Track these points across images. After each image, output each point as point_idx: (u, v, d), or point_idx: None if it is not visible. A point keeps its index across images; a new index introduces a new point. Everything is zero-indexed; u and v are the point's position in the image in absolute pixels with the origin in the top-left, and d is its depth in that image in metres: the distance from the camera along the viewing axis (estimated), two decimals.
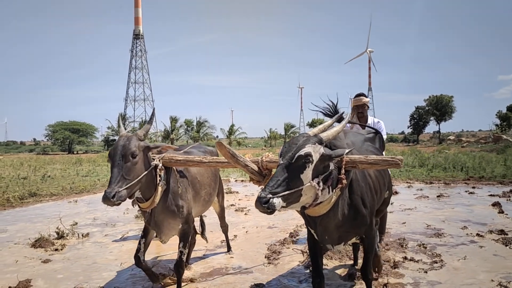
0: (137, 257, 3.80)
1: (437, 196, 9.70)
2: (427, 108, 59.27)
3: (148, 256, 4.77)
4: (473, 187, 11.18)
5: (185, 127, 63.80)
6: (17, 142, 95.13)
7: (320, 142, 2.62)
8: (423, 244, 5.48)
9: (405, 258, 4.90)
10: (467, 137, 54.77)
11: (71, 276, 4.65)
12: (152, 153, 3.55)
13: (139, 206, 3.55)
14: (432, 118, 59.19)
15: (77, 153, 50.38)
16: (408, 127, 64.90)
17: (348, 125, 5.31)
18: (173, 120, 60.55)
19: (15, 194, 10.50)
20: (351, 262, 4.77)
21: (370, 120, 5.36)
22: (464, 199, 9.29)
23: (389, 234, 6.09)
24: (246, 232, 6.65)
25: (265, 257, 5.16)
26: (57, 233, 6.31)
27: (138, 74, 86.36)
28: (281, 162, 2.55)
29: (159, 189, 3.45)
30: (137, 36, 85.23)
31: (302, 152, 2.51)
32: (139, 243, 3.84)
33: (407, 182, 12.67)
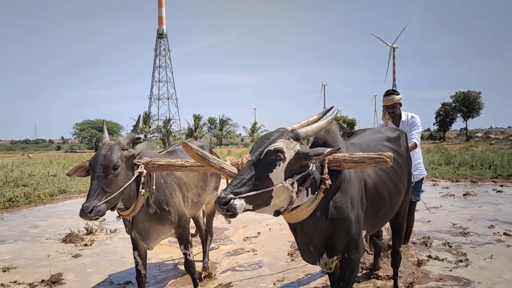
0: (137, 271, 3.68)
1: (464, 195, 9.54)
2: (453, 104, 57.95)
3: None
4: (501, 185, 10.95)
5: (208, 125, 64.41)
6: (46, 140, 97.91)
7: (296, 138, 2.27)
8: (448, 243, 5.42)
9: (430, 256, 4.87)
10: (495, 134, 53.45)
11: (100, 270, 4.81)
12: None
13: (119, 214, 3.33)
14: (459, 114, 57.88)
15: None
16: (434, 124, 63.67)
17: (381, 122, 5.26)
18: (197, 118, 61.22)
19: (45, 191, 10.86)
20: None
21: (405, 117, 5.03)
22: (492, 198, 9.11)
23: (414, 233, 6.03)
24: (270, 229, 6.70)
25: (288, 254, 5.21)
26: (86, 229, 6.52)
27: (162, 73, 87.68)
28: (250, 158, 2.23)
29: (141, 197, 3.22)
30: (160, 35, 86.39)
31: (271, 147, 2.16)
32: (134, 257, 3.66)
33: (432, 180, 12.49)
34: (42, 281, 4.39)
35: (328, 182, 2.35)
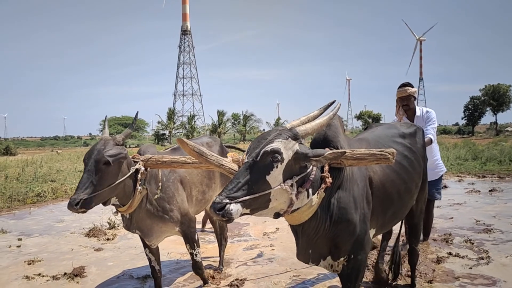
0: (152, 267, 3.75)
1: (489, 191, 9.29)
2: (483, 98, 56.40)
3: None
4: None
5: (232, 121, 64.67)
6: (75, 136, 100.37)
7: (295, 137, 2.14)
8: (470, 240, 5.31)
9: (450, 253, 4.78)
10: None
11: (120, 264, 4.93)
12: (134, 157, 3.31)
13: (116, 209, 3.33)
14: (488, 108, 56.30)
15: (129, 147, 52.34)
16: (462, 119, 62.16)
17: (395, 118, 5.09)
18: (220, 114, 61.55)
19: (72, 186, 11.15)
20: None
21: (419, 112, 4.90)
22: None
23: (435, 230, 5.94)
24: (288, 225, 6.69)
25: None
26: (109, 224, 6.68)
27: (186, 69, 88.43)
28: (246, 160, 2.10)
29: (138, 194, 3.19)
30: (184, 32, 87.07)
31: (268, 148, 2.03)
32: (146, 254, 3.72)
33: (457, 176, 12.21)
34: (65, 273, 4.53)
35: (329, 180, 2.26)
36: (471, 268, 4.32)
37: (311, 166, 2.20)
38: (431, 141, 4.61)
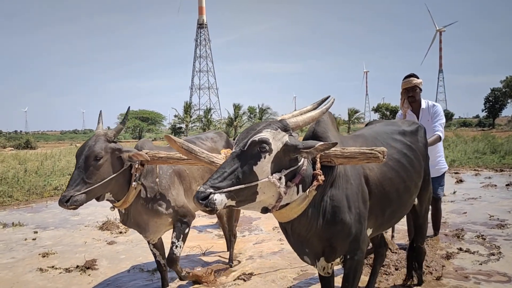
0: (157, 262, 3.80)
1: (506, 185, 9.11)
2: (504, 90, 55.20)
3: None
4: None
5: (248, 114, 64.58)
6: (93, 130, 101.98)
7: (285, 128, 2.08)
8: (482, 235, 5.23)
9: (460, 249, 4.73)
10: None
11: (132, 257, 5.02)
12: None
13: (113, 205, 3.34)
14: (509, 100, 55.12)
15: None
16: (482, 111, 61.02)
17: (399, 113, 5.01)
18: (237, 107, 61.52)
19: None
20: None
21: (425, 104, 4.80)
22: None
23: (447, 225, 5.88)
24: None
25: None
26: None
27: (203, 63, 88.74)
28: (233, 150, 2.06)
29: (132, 189, 3.18)
30: (201, 25, 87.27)
31: (256, 137, 1.98)
32: (151, 250, 3.75)
33: (474, 170, 12.00)
34: (77, 266, 4.64)
35: (321, 178, 2.18)
36: (481, 264, 4.27)
37: (302, 160, 2.15)
38: (440, 139, 4.51)
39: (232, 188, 1.92)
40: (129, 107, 3.73)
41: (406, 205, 3.04)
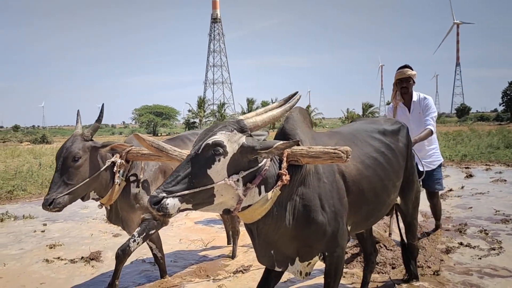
0: (154, 255, 3.89)
1: None
2: None
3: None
4: None
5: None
6: (109, 125, 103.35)
7: (242, 129, 2.03)
8: (484, 230, 5.20)
9: (461, 244, 4.71)
10: None
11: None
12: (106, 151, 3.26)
13: (100, 203, 3.38)
14: None
15: (161, 135, 53.38)
16: (500, 105, 59.92)
17: (390, 106, 4.96)
18: (250, 102, 61.75)
19: None
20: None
21: (416, 97, 4.72)
22: None
23: (451, 219, 5.85)
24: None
25: None
26: None
27: (217, 58, 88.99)
28: (189, 153, 2.02)
29: (116, 186, 3.19)
30: (214, 20, 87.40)
31: (210, 140, 1.94)
32: (147, 243, 3.78)
33: (486, 165, 11.83)
34: (82, 257, 4.76)
35: (286, 178, 2.11)
36: (480, 258, 4.26)
37: (264, 161, 2.10)
38: (431, 132, 4.45)
39: (186, 192, 1.89)
40: (103, 104, 3.58)
41: (384, 204, 2.94)
